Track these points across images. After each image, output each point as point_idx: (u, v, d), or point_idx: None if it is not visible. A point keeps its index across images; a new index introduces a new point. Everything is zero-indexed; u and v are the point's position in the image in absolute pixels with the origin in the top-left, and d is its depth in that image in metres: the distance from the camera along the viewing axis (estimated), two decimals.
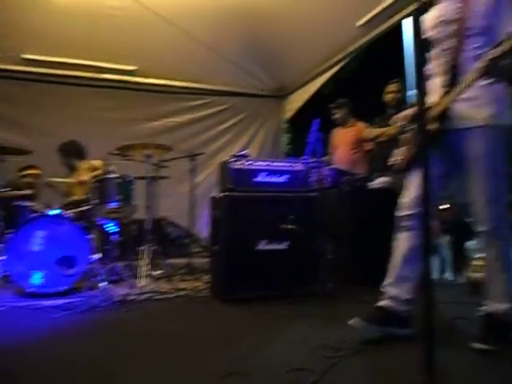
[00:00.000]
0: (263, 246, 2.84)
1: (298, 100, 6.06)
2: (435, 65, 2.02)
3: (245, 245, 2.82)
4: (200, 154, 4.24)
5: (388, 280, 2.08)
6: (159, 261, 3.89)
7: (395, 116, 2.31)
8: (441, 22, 1.97)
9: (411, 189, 2.07)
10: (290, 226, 2.72)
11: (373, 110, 4.42)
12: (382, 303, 2.05)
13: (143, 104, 5.44)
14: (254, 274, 2.82)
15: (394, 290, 2.04)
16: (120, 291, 3.09)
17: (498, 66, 1.67)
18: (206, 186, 5.27)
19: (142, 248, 3.48)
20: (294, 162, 3.01)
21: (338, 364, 1.70)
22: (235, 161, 2.88)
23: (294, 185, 2.92)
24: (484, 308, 1.95)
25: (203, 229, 4.97)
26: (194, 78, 5.57)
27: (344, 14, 4.10)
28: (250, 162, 2.91)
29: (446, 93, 1.90)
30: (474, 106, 1.87)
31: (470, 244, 6.87)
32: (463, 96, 1.85)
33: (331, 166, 3.64)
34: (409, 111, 2.17)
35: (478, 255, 3.44)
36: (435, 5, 2.03)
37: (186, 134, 5.58)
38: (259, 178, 2.91)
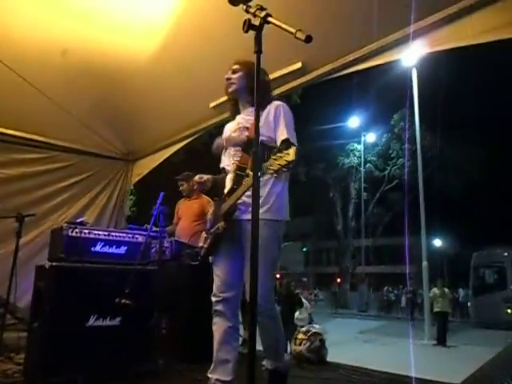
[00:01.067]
0: (93, 322, 2.63)
1: (146, 166, 6.02)
2: (230, 162, 2.35)
3: (71, 321, 2.57)
4: (30, 215, 3.82)
5: (211, 366, 2.17)
6: None
7: None
8: (239, 128, 2.34)
9: (217, 275, 2.26)
10: (124, 301, 2.59)
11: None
12: None
13: None
14: (80, 353, 2.57)
15: (215, 375, 2.13)
16: None
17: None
18: (32, 248, 4.70)
19: None
20: (134, 233, 2.95)
21: None
22: (70, 228, 2.69)
23: (132, 256, 2.83)
24: (267, 366, 2.27)
25: (22, 297, 4.36)
26: (31, 129, 5.10)
27: (199, 94, 4.38)
28: (87, 231, 2.75)
29: (232, 190, 2.16)
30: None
31: (298, 315, 7.46)
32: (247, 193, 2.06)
33: (172, 238, 3.66)
34: None
35: (302, 328, 3.75)
36: (239, 114, 2.44)
37: (16, 188, 4.96)
38: (95, 248, 2.75)
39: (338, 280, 27.93)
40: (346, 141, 25.58)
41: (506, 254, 16.20)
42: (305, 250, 32.98)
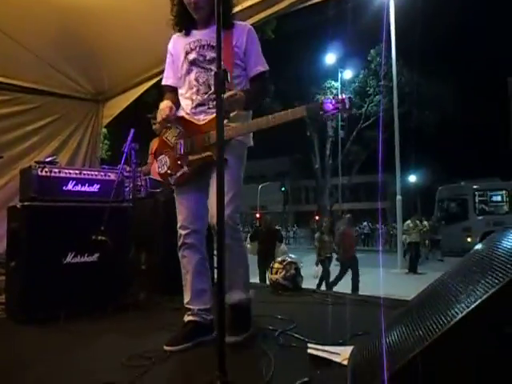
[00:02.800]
0: (70, 259, 2.67)
1: (117, 106, 5.83)
2: (191, 83, 2.17)
3: (48, 259, 2.60)
4: None
5: (186, 298, 2.18)
6: None
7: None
8: (203, 46, 2.14)
9: (185, 207, 2.17)
10: (100, 237, 2.61)
11: None
12: (187, 318, 2.15)
13: None
14: (59, 289, 2.61)
15: (195, 306, 2.15)
16: None
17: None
18: (5, 195, 4.63)
19: None
20: (107, 171, 2.93)
21: (147, 372, 1.73)
22: (40, 167, 2.64)
23: (105, 194, 2.81)
24: (227, 302, 2.04)
25: (0, 242, 4.36)
26: None
27: (169, 26, 4.17)
28: (57, 170, 2.70)
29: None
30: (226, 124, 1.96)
31: (279, 249, 7.76)
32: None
33: (147, 176, 3.64)
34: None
35: (278, 258, 3.89)
36: (197, 29, 2.21)
37: None
38: (67, 187, 2.72)
39: (317, 217, 28.62)
40: (322, 78, 25.18)
41: (468, 187, 17.17)
42: (283, 189, 33.42)
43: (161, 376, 1.73)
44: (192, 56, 2.17)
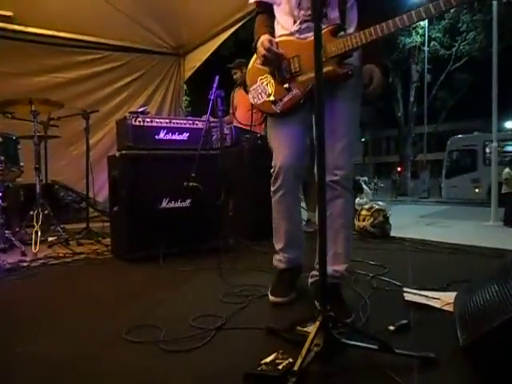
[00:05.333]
0: (165, 204, 2.83)
1: (197, 58, 5.91)
2: None
3: (146, 204, 2.78)
4: (94, 111, 3.97)
5: (279, 244, 1.97)
6: (53, 226, 3.64)
7: None
8: None
9: (290, 140, 1.84)
10: (191, 184, 2.72)
11: None
12: (282, 266, 1.98)
13: (24, 56, 4.83)
14: (156, 232, 2.80)
15: (289, 253, 1.96)
16: (10, 259, 2.84)
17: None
18: (101, 148, 4.99)
19: (33, 213, 3.21)
20: (195, 120, 2.99)
21: (244, 308, 1.80)
22: (134, 118, 2.77)
23: (194, 142, 2.90)
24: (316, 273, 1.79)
25: (100, 192, 4.74)
26: (83, 29, 5.06)
27: None
28: (149, 119, 2.82)
29: (339, 28, 1.70)
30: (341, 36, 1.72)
31: (359, 200, 7.56)
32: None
33: (231, 125, 3.67)
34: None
35: (365, 206, 3.80)
36: None
37: (77, 91, 5.10)
38: (159, 136, 2.85)
39: (399, 168, 27.39)
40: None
41: (478, 137, 17.19)
42: (363, 139, 32.22)
43: (257, 312, 1.79)
44: None
